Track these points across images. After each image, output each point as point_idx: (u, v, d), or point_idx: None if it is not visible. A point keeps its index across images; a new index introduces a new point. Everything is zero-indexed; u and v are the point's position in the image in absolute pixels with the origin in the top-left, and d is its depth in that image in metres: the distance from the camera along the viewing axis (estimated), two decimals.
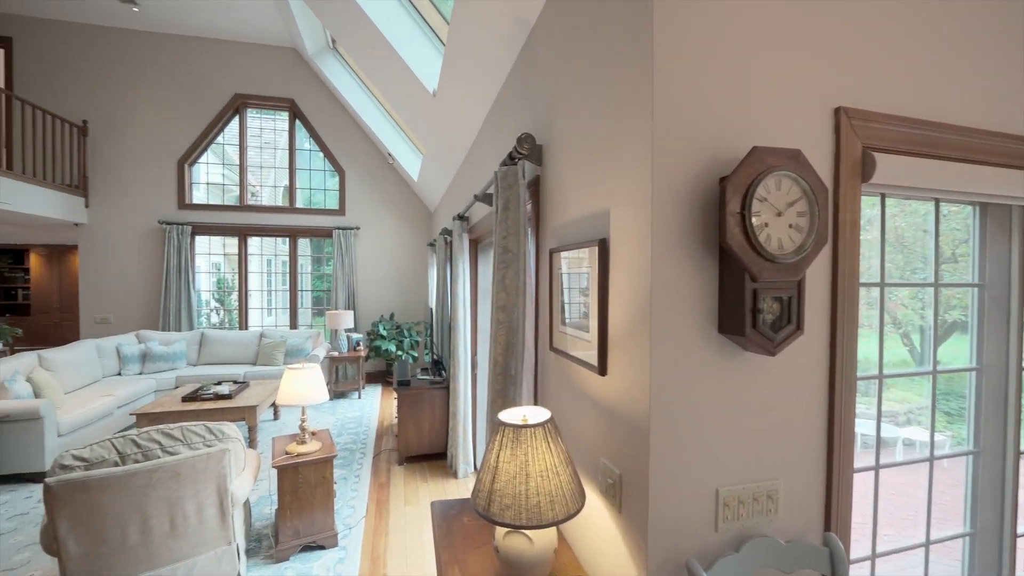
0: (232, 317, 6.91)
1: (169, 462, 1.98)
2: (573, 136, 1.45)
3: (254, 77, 6.54)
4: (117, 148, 6.21)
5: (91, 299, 6.18)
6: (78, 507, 1.84)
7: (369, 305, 6.92)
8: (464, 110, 3.16)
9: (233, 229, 6.57)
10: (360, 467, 3.69)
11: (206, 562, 2.17)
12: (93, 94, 6.13)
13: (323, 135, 6.75)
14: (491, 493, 1.12)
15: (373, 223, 6.95)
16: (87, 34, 6.11)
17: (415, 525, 2.83)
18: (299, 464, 2.46)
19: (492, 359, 1.82)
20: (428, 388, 3.76)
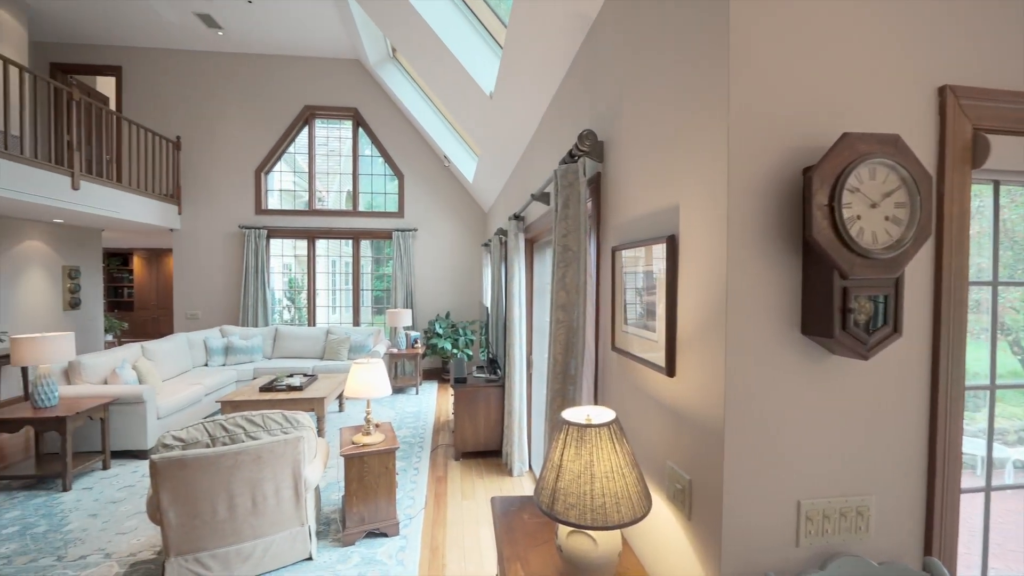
0: (301, 314, 7.40)
1: (252, 446, 2.15)
2: (638, 130, 1.41)
3: (321, 89, 6.96)
4: (204, 160, 6.85)
5: (183, 297, 6.86)
6: (177, 482, 2.05)
7: (426, 304, 7.14)
8: (521, 111, 3.18)
9: (303, 232, 7.04)
10: (419, 460, 3.82)
11: (282, 541, 2.34)
12: (185, 112, 6.80)
13: (383, 141, 7.06)
14: (555, 491, 1.12)
15: (430, 225, 7.17)
16: (180, 59, 6.78)
17: (471, 520, 2.88)
18: (364, 454, 2.58)
19: (552, 358, 1.82)
20: (484, 386, 3.82)
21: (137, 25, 6.17)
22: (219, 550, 2.20)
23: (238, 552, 2.23)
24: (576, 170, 1.78)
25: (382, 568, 2.38)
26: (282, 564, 2.36)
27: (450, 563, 2.44)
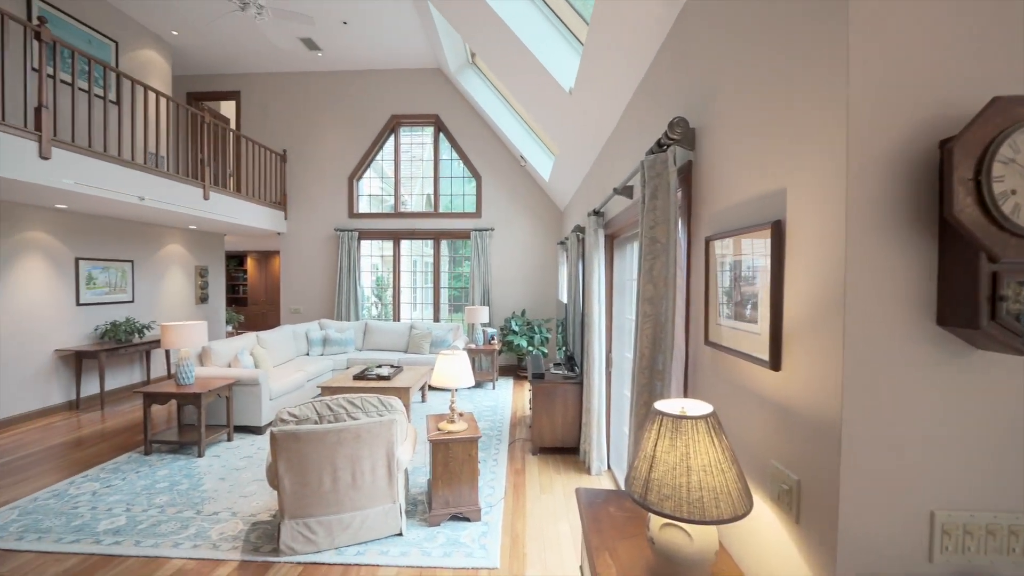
0: (387, 310, 7.93)
1: (352, 425, 2.36)
2: (737, 113, 1.35)
3: (406, 99, 7.40)
4: (306, 169, 7.59)
5: (288, 293, 7.66)
6: (291, 453, 2.31)
7: (502, 302, 7.30)
8: (601, 105, 3.15)
9: (389, 233, 7.53)
10: (497, 452, 3.92)
11: (376, 515, 2.53)
12: (290, 127, 7.59)
13: (462, 144, 7.33)
14: (648, 481, 1.10)
15: (506, 224, 7.32)
16: (286, 81, 7.58)
17: (550, 514, 2.91)
18: (450, 441, 2.72)
19: (638, 353, 1.79)
20: (561, 382, 3.83)
21: (252, 54, 7.00)
22: (324, 517, 2.44)
23: (339, 521, 2.46)
24: (665, 159, 1.74)
25: (466, 550, 2.49)
26: (376, 536, 2.55)
27: (530, 552, 2.49)
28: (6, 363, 4.61)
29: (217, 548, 2.50)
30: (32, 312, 4.86)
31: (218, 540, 2.58)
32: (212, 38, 6.54)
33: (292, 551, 2.40)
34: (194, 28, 6.27)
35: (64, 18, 5.17)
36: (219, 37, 6.50)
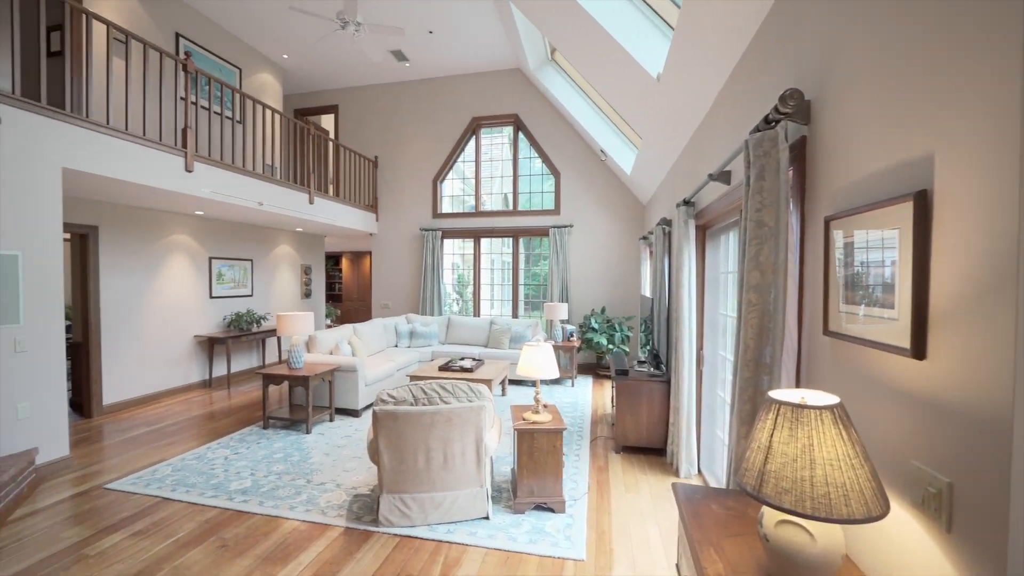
0: (468, 306, 8.21)
1: (444, 409, 2.48)
2: (866, 74, 1.21)
3: (486, 100, 7.61)
4: (394, 173, 8.10)
5: (379, 289, 8.23)
6: (390, 431, 2.48)
7: (581, 299, 7.23)
8: (692, 88, 3.00)
9: (470, 232, 7.80)
10: (579, 448, 3.89)
11: (465, 498, 2.63)
12: (381, 135, 8.15)
13: (541, 142, 7.37)
14: (763, 474, 1.03)
15: (585, 220, 7.24)
16: (377, 92, 8.16)
17: (636, 513, 2.83)
18: (535, 430, 2.75)
19: (741, 346, 1.68)
20: (646, 380, 3.70)
21: (348, 70, 7.62)
22: (418, 495, 2.59)
23: (432, 499, 2.60)
24: (774, 137, 1.61)
25: (551, 540, 2.50)
26: (464, 518, 2.66)
27: (617, 549, 2.44)
28: (158, 346, 5.47)
29: (325, 514, 2.77)
30: (177, 303, 5.72)
31: (325, 507, 2.85)
32: (315, 59, 7.23)
33: (389, 523, 2.59)
34: (301, 51, 6.97)
35: (201, 51, 6.02)
36: (320, 58, 7.17)
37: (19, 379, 3.19)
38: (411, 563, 2.30)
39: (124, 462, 3.56)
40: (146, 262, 5.32)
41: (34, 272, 3.29)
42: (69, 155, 3.46)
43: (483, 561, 2.32)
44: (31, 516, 2.75)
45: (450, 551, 2.40)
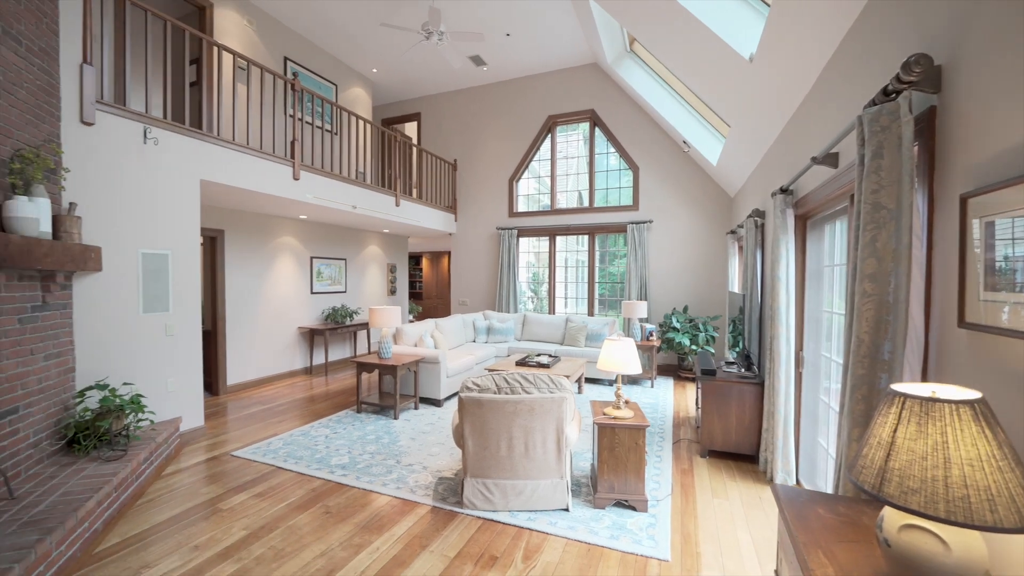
0: (543, 304, 8.26)
1: (527, 398, 2.53)
2: (1018, 29, 1.06)
3: (562, 98, 7.61)
4: (472, 175, 8.39)
5: (457, 287, 8.57)
6: (474, 417, 2.59)
7: (661, 297, 6.97)
8: (791, 67, 2.77)
9: (545, 230, 7.84)
10: (661, 450, 3.76)
11: (545, 487, 2.67)
12: (460, 138, 8.48)
13: (619, 136, 7.21)
14: (885, 471, 0.95)
15: (665, 215, 6.96)
16: (456, 97, 8.49)
17: (725, 519, 2.68)
18: (616, 426, 2.71)
19: (854, 340, 1.53)
20: (736, 382, 3.48)
21: (431, 78, 8.02)
22: (500, 480, 2.68)
23: (513, 486, 2.67)
24: (894, 109, 1.45)
25: (632, 537, 2.46)
26: (544, 507, 2.70)
27: (705, 553, 2.33)
28: (269, 335, 6.17)
29: (414, 492, 2.96)
30: (284, 298, 6.41)
31: (414, 486, 3.04)
32: (400, 71, 7.71)
33: (473, 505, 2.70)
34: (388, 64, 7.47)
35: (304, 71, 6.69)
36: (404, 68, 7.63)
37: (168, 359, 3.78)
38: (494, 544, 2.38)
39: (245, 434, 4.08)
40: (260, 261, 6.03)
41: (179, 268, 3.88)
42: (205, 168, 4.03)
43: (564, 550, 2.34)
44: (177, 473, 3.25)
45: (531, 537, 2.45)
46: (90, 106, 3.21)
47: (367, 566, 2.20)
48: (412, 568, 2.19)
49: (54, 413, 2.90)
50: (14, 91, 2.60)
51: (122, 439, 3.04)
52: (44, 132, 2.88)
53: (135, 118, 3.52)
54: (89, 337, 3.24)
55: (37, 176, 2.58)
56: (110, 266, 3.38)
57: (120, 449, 2.97)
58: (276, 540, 2.42)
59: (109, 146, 3.35)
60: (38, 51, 2.82)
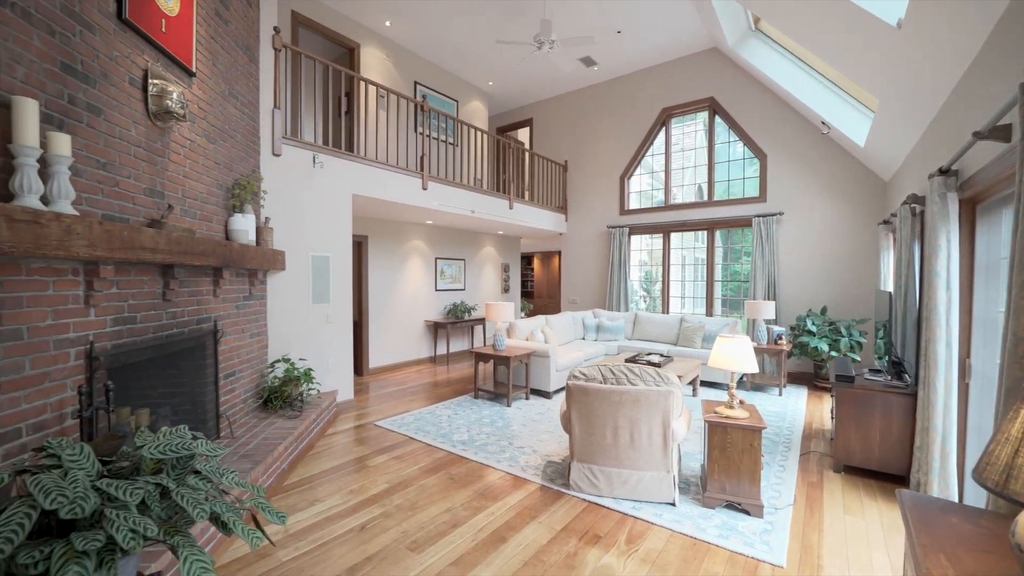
0: (655, 303, 8.00)
1: (632, 390, 2.60)
2: None
3: (677, 89, 7.30)
4: (583, 175, 8.47)
5: (567, 285, 8.74)
6: (580, 404, 2.73)
7: (793, 297, 6.30)
8: (949, 28, 2.39)
9: (659, 227, 7.60)
10: (784, 459, 3.48)
11: (651, 479, 2.70)
12: (570, 140, 8.63)
13: (742, 123, 6.69)
14: (1011, 468, 0.88)
15: (798, 206, 6.27)
16: (567, 100, 8.66)
17: (857, 537, 2.42)
18: (728, 425, 2.63)
19: (1011, 338, 1.34)
20: (881, 391, 3.08)
21: (542, 84, 8.31)
22: (605, 467, 2.78)
23: (618, 474, 2.75)
24: None
25: (743, 539, 2.37)
26: (650, 499, 2.73)
27: (827, 567, 2.16)
28: (402, 327, 7.03)
29: (524, 471, 3.20)
30: (413, 294, 7.24)
31: (524, 466, 3.29)
32: (513, 81, 8.13)
33: (579, 488, 2.84)
34: (502, 77, 7.95)
35: (430, 92, 7.47)
36: (517, 79, 8.03)
37: (328, 342, 4.61)
38: (598, 525, 2.50)
39: (384, 409, 4.76)
40: (394, 262, 6.90)
41: (337, 268, 4.69)
42: (355, 184, 4.81)
43: (668, 540, 2.36)
44: (334, 435, 3.96)
45: (635, 525, 2.51)
46: (278, 141, 4.09)
47: (483, 525, 2.49)
48: (522, 533, 2.42)
49: (255, 379, 3.77)
50: (234, 135, 3.47)
51: (298, 403, 3.82)
52: (251, 164, 3.77)
53: (306, 147, 4.37)
54: (276, 321, 4.13)
55: (248, 198, 3.40)
56: (291, 266, 4.25)
57: (297, 410, 3.74)
58: (411, 494, 2.86)
59: (289, 171, 4.22)
60: (247, 103, 3.71)
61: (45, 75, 1.90)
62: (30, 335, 1.79)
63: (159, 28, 2.56)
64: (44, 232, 1.67)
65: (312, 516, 2.60)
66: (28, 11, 1.83)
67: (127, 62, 2.36)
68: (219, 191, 3.26)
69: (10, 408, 1.70)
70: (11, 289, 1.72)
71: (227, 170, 3.37)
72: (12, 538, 0.84)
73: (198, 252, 2.65)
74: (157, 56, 2.59)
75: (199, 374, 2.98)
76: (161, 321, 2.58)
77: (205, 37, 3.06)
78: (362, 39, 6.35)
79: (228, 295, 3.34)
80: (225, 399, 3.26)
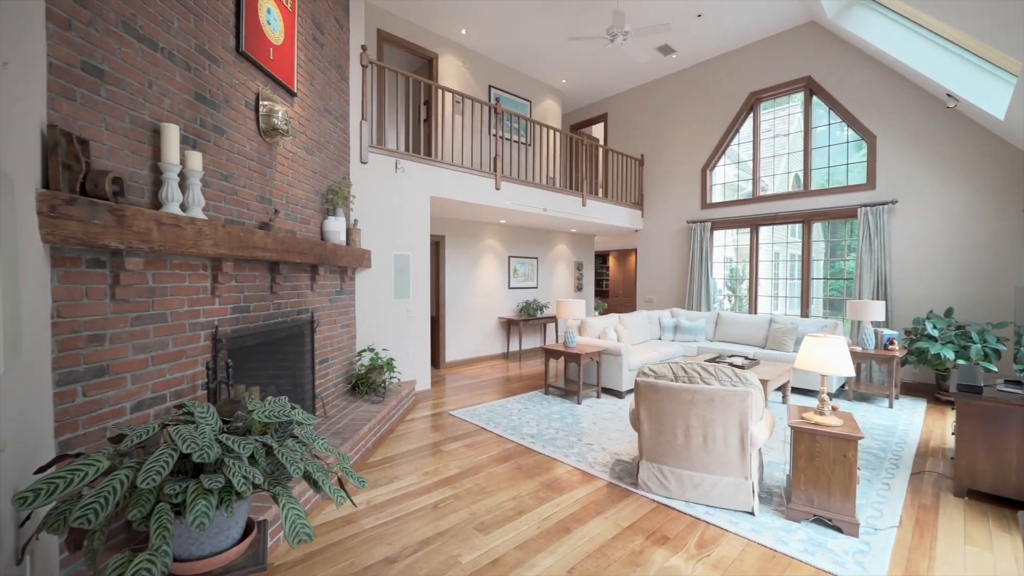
0: (742, 303, 7.46)
1: (706, 389, 2.49)
2: None
3: (768, 70, 6.74)
4: (660, 168, 8.14)
5: (643, 284, 8.46)
6: (649, 402, 2.67)
7: (908, 296, 5.54)
8: None
9: (746, 221, 7.07)
10: (891, 477, 3.09)
11: (726, 485, 2.56)
12: (646, 133, 8.33)
13: (846, 103, 6.01)
14: None
15: (916, 192, 5.49)
16: (642, 92, 8.37)
17: (983, 572, 2.09)
18: (817, 432, 2.41)
19: None
20: (1018, 405, 2.62)
21: (616, 78, 8.12)
22: (676, 469, 2.69)
23: (690, 477, 2.64)
24: None
25: (833, 557, 2.16)
26: (725, 506, 2.58)
27: None
28: (477, 323, 7.28)
29: (592, 467, 3.19)
30: (487, 292, 7.46)
31: (592, 463, 3.28)
32: (586, 76, 8.04)
33: (648, 488, 2.77)
34: (576, 73, 7.90)
35: (503, 94, 7.64)
36: (591, 74, 7.93)
37: (408, 335, 4.93)
38: (667, 527, 2.42)
39: (458, 400, 4.99)
40: (469, 261, 7.17)
41: (416, 266, 5.01)
42: (433, 187, 5.09)
43: (744, 550, 2.22)
44: (413, 421, 4.24)
45: (707, 530, 2.40)
46: (365, 149, 4.46)
47: (549, 515, 2.54)
48: (587, 526, 2.43)
49: (344, 366, 4.16)
50: (328, 147, 3.86)
51: (381, 389, 4.15)
52: (342, 172, 4.16)
53: (389, 154, 4.71)
54: (363, 314, 4.51)
55: (339, 202, 3.77)
56: (375, 264, 4.62)
57: (380, 396, 4.07)
58: (480, 480, 2.98)
59: (374, 177, 4.59)
60: (339, 117, 4.10)
61: (184, 104, 2.28)
62: (172, 319, 2.16)
63: (268, 56, 2.93)
64: (183, 234, 2.01)
65: (391, 492, 2.82)
66: (172, 52, 2.21)
67: (243, 88, 2.74)
68: (315, 196, 3.65)
69: (159, 377, 2.07)
70: (159, 281, 2.09)
71: (322, 178, 3.76)
72: (161, 471, 1.06)
73: (298, 251, 3.00)
74: (266, 81, 2.97)
75: (299, 359, 3.37)
76: (269, 311, 2.96)
77: (304, 60, 3.45)
78: (440, 49, 6.69)
79: (323, 289, 3.73)
80: (320, 382, 3.64)
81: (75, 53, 1.73)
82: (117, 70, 1.91)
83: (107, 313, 1.83)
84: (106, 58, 1.86)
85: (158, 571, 1.01)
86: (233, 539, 1.29)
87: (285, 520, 1.22)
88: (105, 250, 1.78)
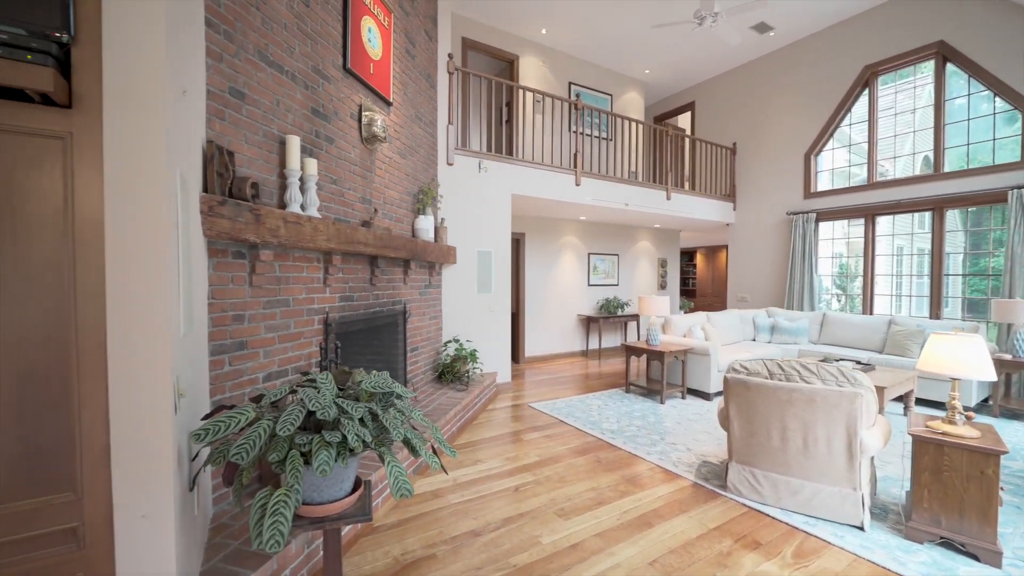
0: (853, 303, 6.66)
1: (805, 388, 2.30)
2: None
3: (887, 39, 5.95)
4: (755, 157, 7.55)
5: (735, 281, 7.91)
6: (740, 400, 2.52)
7: None
8: None
9: (859, 211, 6.31)
10: None
11: (829, 495, 2.35)
12: (739, 120, 7.77)
13: (993, 68, 5.11)
14: None
15: None
16: (735, 76, 7.82)
17: None
18: (945, 443, 2.12)
19: None
20: None
21: (705, 64, 7.68)
22: (770, 473, 2.51)
23: (787, 484, 2.46)
24: None
25: None
26: (829, 518, 2.36)
27: None
28: (555, 320, 7.32)
29: (676, 467, 3.08)
30: (566, 289, 7.47)
31: (676, 462, 3.17)
32: (671, 65, 7.69)
33: (737, 491, 2.62)
34: (659, 62, 7.60)
35: (584, 90, 7.58)
36: (676, 61, 7.57)
37: (490, 328, 5.12)
38: (759, 532, 2.28)
39: (537, 393, 5.07)
40: (548, 258, 7.23)
41: (498, 263, 5.18)
42: (515, 185, 5.23)
43: (850, 565, 2.02)
44: (494, 411, 4.40)
45: (806, 540, 2.21)
46: (452, 152, 4.72)
47: (629, 508, 2.51)
48: (670, 523, 2.37)
49: (432, 355, 4.44)
50: (418, 151, 4.16)
51: (465, 378, 4.37)
52: (431, 173, 4.45)
53: (473, 155, 4.93)
54: (448, 307, 4.78)
55: (428, 202, 4.04)
56: (460, 260, 4.87)
57: (464, 384, 4.28)
58: (559, 469, 3.03)
59: (459, 177, 4.84)
60: (428, 122, 4.39)
61: (302, 118, 2.62)
62: (294, 304, 2.50)
63: (368, 71, 3.24)
64: (302, 230, 2.32)
65: (475, 473, 2.97)
66: (294, 74, 2.55)
67: (348, 101, 3.06)
68: (408, 197, 3.95)
69: (283, 354, 2.41)
70: (284, 271, 2.43)
71: (413, 179, 4.06)
72: (294, 422, 1.27)
73: (393, 247, 3.28)
74: (367, 93, 3.29)
75: (393, 346, 3.68)
76: (368, 301, 3.27)
77: (399, 72, 3.75)
78: (520, 50, 6.83)
79: (414, 283, 4.02)
80: (411, 368, 3.93)
81: (225, 80, 2.08)
82: (254, 92, 2.26)
83: (246, 297, 2.18)
84: (246, 83, 2.21)
85: (292, 504, 1.22)
86: (346, 491, 1.49)
87: (390, 475, 1.39)
88: (245, 243, 2.12)
